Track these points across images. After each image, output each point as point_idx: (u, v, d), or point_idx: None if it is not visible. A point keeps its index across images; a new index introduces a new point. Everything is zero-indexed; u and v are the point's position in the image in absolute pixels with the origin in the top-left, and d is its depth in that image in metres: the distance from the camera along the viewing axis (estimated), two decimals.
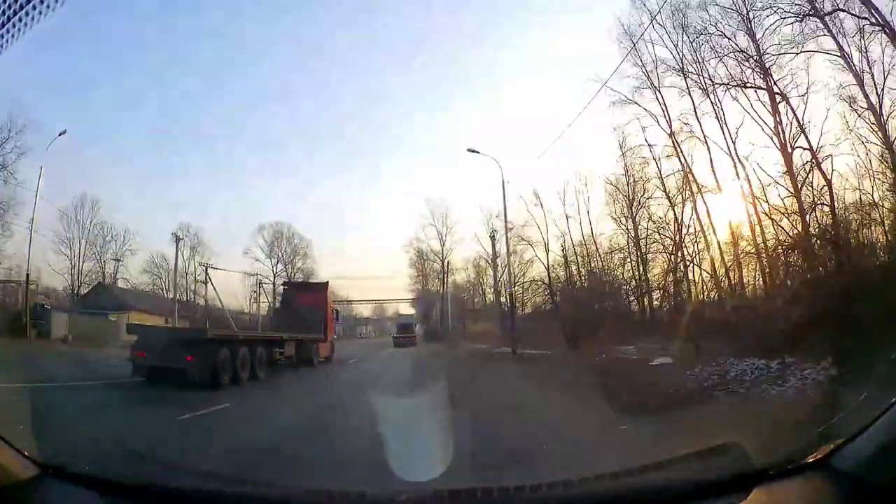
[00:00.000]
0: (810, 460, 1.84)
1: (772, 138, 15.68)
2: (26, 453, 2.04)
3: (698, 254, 18.90)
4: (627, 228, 22.45)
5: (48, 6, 3.51)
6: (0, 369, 10.97)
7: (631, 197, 22.03)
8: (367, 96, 62.44)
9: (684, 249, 19.13)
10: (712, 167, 17.61)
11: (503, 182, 21.57)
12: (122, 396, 9.78)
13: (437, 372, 14.40)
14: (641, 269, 22.25)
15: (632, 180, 21.90)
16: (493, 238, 30.32)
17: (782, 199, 15.44)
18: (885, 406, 1.70)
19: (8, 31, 3.46)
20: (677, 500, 1.91)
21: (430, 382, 10.46)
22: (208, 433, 6.47)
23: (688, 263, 19.10)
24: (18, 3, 3.35)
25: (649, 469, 2.21)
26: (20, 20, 3.42)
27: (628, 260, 22.98)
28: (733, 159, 16.99)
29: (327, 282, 24.79)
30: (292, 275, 52.81)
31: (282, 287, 27.93)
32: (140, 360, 11.10)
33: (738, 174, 17.09)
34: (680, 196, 19.67)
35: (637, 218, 22.50)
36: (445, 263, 46.23)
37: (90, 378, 11.88)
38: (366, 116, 63.26)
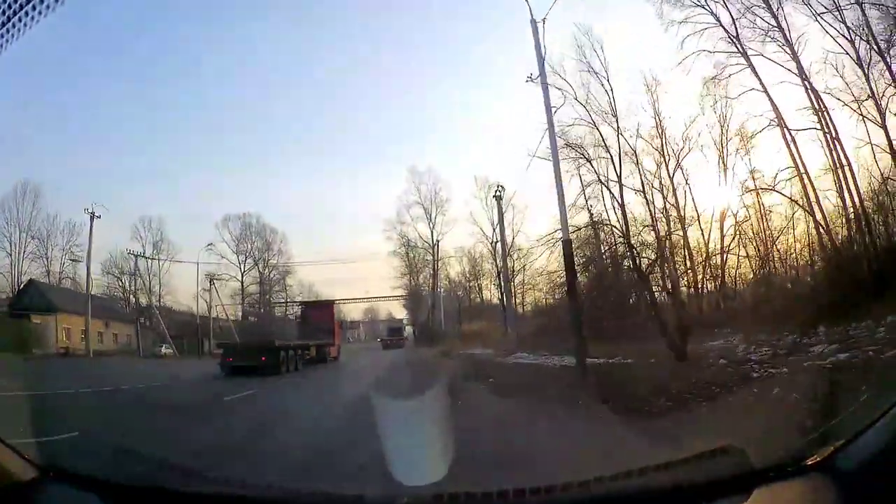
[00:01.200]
0: (811, 461, 1.88)
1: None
2: (26, 455, 2.12)
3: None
4: (661, 192, 16.86)
5: (48, 6, 3.35)
6: None
7: (665, 155, 16.33)
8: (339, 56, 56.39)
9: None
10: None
11: (533, 23, 13.88)
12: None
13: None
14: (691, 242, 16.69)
15: (662, 129, 16.30)
16: (498, 199, 24.09)
17: None
18: (886, 406, 1.75)
19: (8, 31, 3.33)
20: (678, 502, 1.95)
21: None
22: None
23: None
24: (18, 3, 3.27)
25: (649, 471, 2.16)
26: (20, 20, 3.29)
27: (655, 233, 18.54)
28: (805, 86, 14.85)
29: (334, 301, 32.84)
30: (266, 272, 46.59)
31: (299, 306, 34.98)
32: (227, 363, 17.81)
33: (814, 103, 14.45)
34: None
35: (675, 179, 16.86)
36: (435, 249, 39.43)
37: None
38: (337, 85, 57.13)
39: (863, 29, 14.28)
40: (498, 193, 24.86)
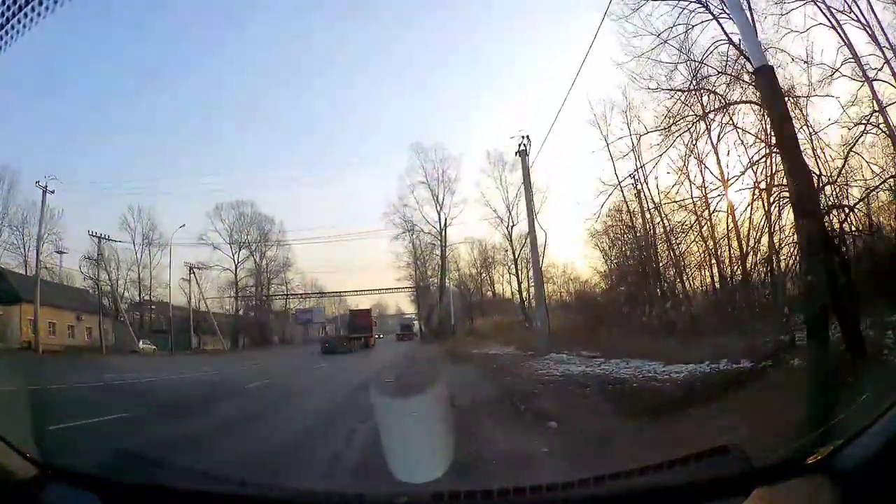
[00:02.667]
0: (811, 461, 1.90)
1: None
2: (27, 454, 2.15)
3: None
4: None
5: (47, 7, 3.32)
6: None
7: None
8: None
9: None
10: None
11: None
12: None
13: None
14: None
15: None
16: (523, 154, 19.95)
17: None
18: (886, 406, 1.76)
19: (7, 33, 3.28)
20: (677, 502, 1.98)
21: None
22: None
23: None
24: (18, 4, 3.24)
25: (649, 470, 2.17)
26: (19, 21, 3.26)
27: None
28: None
29: (370, 308, 46.41)
30: (264, 264, 43.92)
31: (348, 312, 47.31)
32: (325, 347, 34.23)
33: None
34: None
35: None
36: (443, 235, 35.87)
37: None
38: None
39: None
40: (522, 147, 20.43)
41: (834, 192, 13.77)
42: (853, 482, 1.72)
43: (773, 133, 11.48)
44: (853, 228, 11.41)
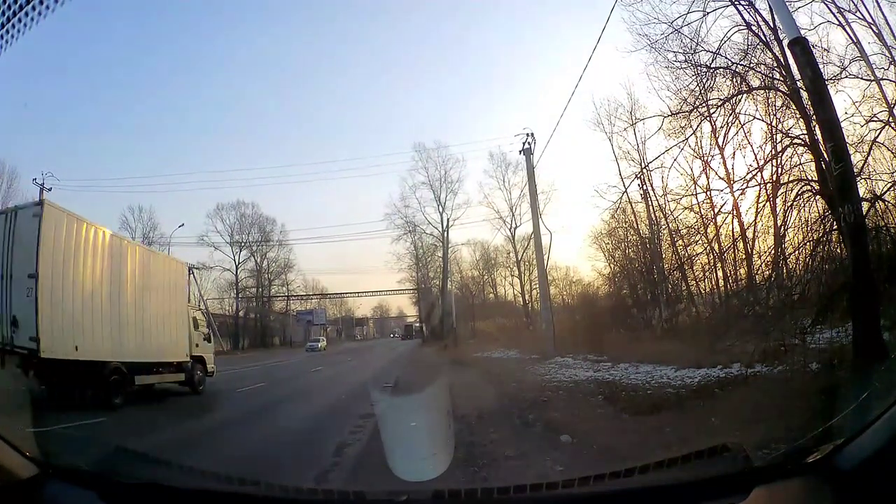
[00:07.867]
0: (811, 460, 1.91)
1: None
2: (27, 453, 2.14)
3: None
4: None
5: (48, 6, 3.34)
6: None
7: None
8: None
9: None
10: None
11: None
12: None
13: None
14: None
15: None
16: (527, 153, 19.67)
17: None
18: (886, 406, 1.78)
19: (7, 32, 3.35)
20: (677, 500, 1.97)
21: None
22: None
23: None
24: (18, 4, 3.28)
25: (649, 469, 2.20)
26: (20, 20, 3.31)
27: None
28: None
29: (412, 323, 67.00)
30: (266, 265, 43.69)
31: (405, 325, 74.21)
32: (402, 338, 70.53)
33: None
34: None
35: None
36: (445, 236, 35.64)
37: None
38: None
39: None
40: (527, 146, 20.28)
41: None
42: (853, 481, 1.73)
43: (801, 117, 11.26)
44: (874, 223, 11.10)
